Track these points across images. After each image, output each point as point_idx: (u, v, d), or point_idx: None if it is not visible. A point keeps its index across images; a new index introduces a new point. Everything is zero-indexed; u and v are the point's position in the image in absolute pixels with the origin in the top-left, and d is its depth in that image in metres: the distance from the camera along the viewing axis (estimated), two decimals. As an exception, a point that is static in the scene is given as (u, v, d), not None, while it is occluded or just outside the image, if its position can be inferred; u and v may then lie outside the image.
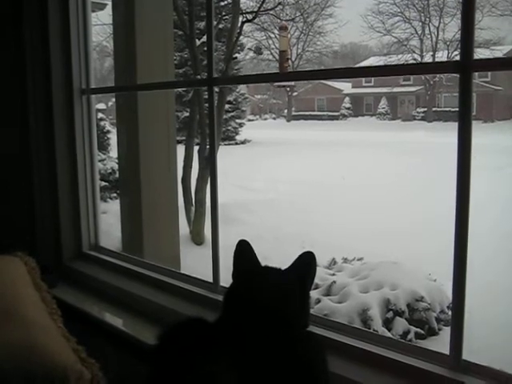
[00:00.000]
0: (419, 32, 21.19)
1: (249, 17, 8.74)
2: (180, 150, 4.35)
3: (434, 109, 22.42)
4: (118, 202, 4.38)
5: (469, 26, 1.19)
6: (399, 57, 19.66)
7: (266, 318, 1.03)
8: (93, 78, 2.32)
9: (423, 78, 20.96)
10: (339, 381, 1.29)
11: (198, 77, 7.17)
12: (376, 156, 14.10)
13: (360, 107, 26.32)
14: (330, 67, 22.02)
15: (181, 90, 12.35)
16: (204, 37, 6.56)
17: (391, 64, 13.97)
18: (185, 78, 13.43)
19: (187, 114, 10.33)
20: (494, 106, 20.57)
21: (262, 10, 8.91)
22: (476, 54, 1.22)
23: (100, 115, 10.07)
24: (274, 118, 29.86)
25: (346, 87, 25.89)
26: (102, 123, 9.82)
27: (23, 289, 1.56)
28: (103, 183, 8.57)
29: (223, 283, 1.77)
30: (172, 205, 2.88)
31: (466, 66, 1.20)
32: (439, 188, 6.30)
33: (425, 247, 6.28)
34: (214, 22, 1.87)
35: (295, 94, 26.99)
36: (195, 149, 7.94)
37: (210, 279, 1.83)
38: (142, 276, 2.07)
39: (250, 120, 25.46)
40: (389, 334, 4.12)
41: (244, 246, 1.20)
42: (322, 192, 10.11)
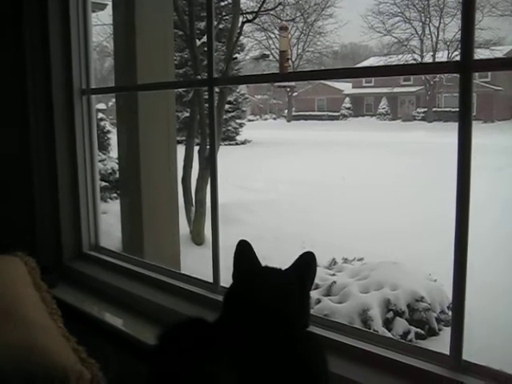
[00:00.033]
0: (419, 32, 21.26)
1: (249, 17, 8.75)
2: (180, 150, 4.35)
3: (435, 109, 22.45)
4: (118, 202, 4.38)
5: (469, 26, 1.19)
6: (399, 57, 19.70)
7: (266, 318, 1.03)
8: (93, 78, 2.32)
9: (423, 78, 21.00)
10: (339, 381, 1.29)
11: (199, 77, 7.16)
12: (376, 156, 14.10)
13: (360, 107, 26.34)
14: (330, 67, 22.05)
15: (181, 90, 12.35)
16: (204, 37, 6.56)
17: (391, 64, 13.95)
18: (185, 78, 13.44)
19: (187, 114, 10.32)
20: (494, 106, 20.60)
21: (262, 10, 8.90)
22: (476, 55, 1.22)
23: (100, 115, 10.07)
24: (275, 119, 29.88)
25: (346, 87, 25.92)
26: (102, 123, 9.82)
27: (23, 289, 1.56)
28: (103, 183, 8.57)
29: (223, 283, 1.77)
30: (172, 205, 2.88)
31: (466, 67, 1.20)
32: (439, 188, 6.30)
33: (425, 247, 6.28)
34: (215, 22, 1.87)
35: (295, 94, 27.01)
36: (195, 149, 7.93)
37: (210, 279, 1.83)
38: (142, 276, 2.07)
39: (250, 120, 25.49)
40: (389, 335, 4.12)
41: (244, 246, 1.20)
42: (323, 192, 10.12)
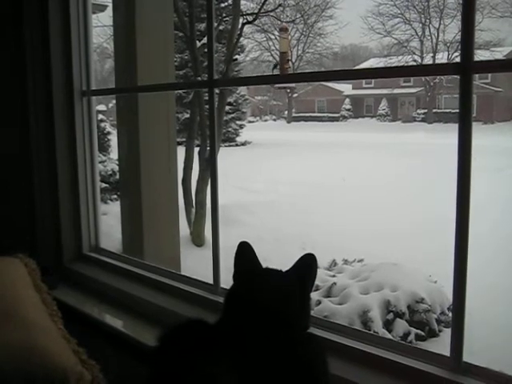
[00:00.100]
0: (419, 33, 21.26)
1: (249, 18, 8.75)
2: (180, 152, 4.35)
3: (435, 110, 22.45)
4: (118, 203, 4.38)
5: (469, 27, 1.19)
6: (399, 58, 19.69)
7: (266, 320, 1.03)
8: (93, 79, 2.32)
9: (423, 79, 21.01)
10: (340, 382, 1.29)
11: (199, 78, 7.17)
12: (376, 157, 14.10)
13: (360, 109, 26.35)
14: (330, 69, 22.07)
15: (181, 92, 12.35)
16: (204, 38, 6.56)
17: (392, 66, 13.95)
18: (185, 79, 13.46)
19: (187, 116, 10.32)
20: (494, 107, 20.60)
21: (262, 11, 8.92)
22: (476, 56, 1.22)
23: (100, 116, 10.07)
24: (275, 120, 29.88)
25: (346, 89, 25.93)
26: (102, 125, 9.82)
27: (23, 290, 1.56)
28: (104, 185, 8.56)
29: (223, 285, 1.77)
30: (172, 206, 2.88)
31: (467, 68, 1.20)
32: (439, 189, 6.30)
33: (425, 248, 6.28)
34: (215, 24, 1.87)
35: (295, 95, 27.02)
36: (195, 150, 7.93)
37: (210, 281, 1.83)
38: (142, 278, 2.07)
39: (250, 121, 25.49)
40: (389, 336, 4.12)
41: (245, 247, 1.19)
42: (323, 193, 10.12)
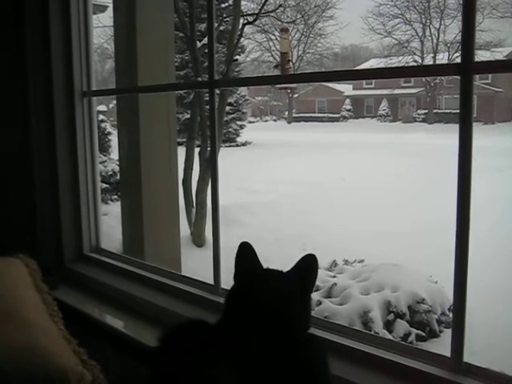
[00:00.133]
0: (420, 34, 21.26)
1: (250, 19, 8.75)
2: (181, 152, 4.35)
3: (435, 111, 22.45)
4: (118, 203, 4.37)
5: (469, 27, 1.19)
6: (400, 59, 19.69)
7: (267, 320, 1.02)
8: (94, 80, 2.32)
9: (424, 79, 21.00)
10: (340, 383, 1.29)
11: (199, 79, 7.17)
12: (376, 158, 14.10)
13: (361, 109, 26.35)
14: (330, 69, 22.07)
15: (181, 92, 12.36)
16: (205, 39, 6.56)
17: (392, 66, 13.97)
18: (186, 79, 13.46)
19: (188, 116, 10.32)
20: (494, 107, 20.60)
21: (262, 12, 8.93)
22: (477, 56, 1.22)
23: (101, 117, 10.07)
24: (275, 120, 29.89)
25: (346, 89, 25.93)
26: (102, 125, 9.82)
27: (24, 290, 1.56)
28: (104, 185, 8.56)
29: (224, 285, 1.77)
30: (173, 207, 2.88)
31: (467, 69, 1.20)
32: (440, 190, 6.29)
33: (426, 249, 6.27)
34: (215, 24, 1.87)
35: (296, 95, 27.01)
36: (196, 150, 7.93)
37: (210, 281, 1.83)
38: (142, 278, 2.07)
39: (250, 122, 25.50)
40: (390, 336, 4.11)
41: (246, 248, 1.19)
42: (323, 193, 10.11)
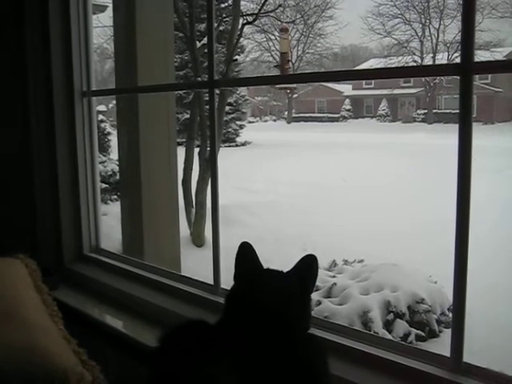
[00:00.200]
0: (419, 34, 21.26)
1: (249, 19, 8.75)
2: (180, 152, 4.35)
3: (435, 111, 22.45)
4: (118, 204, 4.38)
5: (469, 27, 1.19)
6: (399, 59, 19.68)
7: (267, 321, 1.03)
8: (93, 80, 2.32)
9: (423, 79, 21.00)
10: (340, 383, 1.29)
11: (199, 79, 7.17)
12: (376, 158, 14.10)
13: (360, 109, 26.35)
14: (330, 69, 22.06)
15: (181, 92, 12.35)
16: (204, 39, 6.56)
17: (392, 66, 13.97)
18: (185, 79, 13.46)
19: (188, 116, 10.32)
20: (494, 107, 20.60)
21: (262, 12, 8.92)
22: (476, 56, 1.22)
23: (101, 117, 10.07)
24: (275, 120, 29.88)
25: (346, 89, 25.93)
26: (102, 125, 9.82)
27: (24, 291, 1.56)
28: (104, 185, 8.57)
29: (224, 285, 1.77)
30: (172, 207, 2.88)
31: (467, 69, 1.20)
32: (439, 190, 6.30)
33: (425, 249, 6.27)
34: (215, 24, 1.87)
35: (295, 95, 27.00)
36: (196, 151, 7.94)
37: (210, 281, 1.83)
38: (142, 278, 2.07)
39: (250, 122, 25.50)
40: (389, 336, 4.12)
41: (246, 248, 1.19)
42: (323, 194, 10.11)
